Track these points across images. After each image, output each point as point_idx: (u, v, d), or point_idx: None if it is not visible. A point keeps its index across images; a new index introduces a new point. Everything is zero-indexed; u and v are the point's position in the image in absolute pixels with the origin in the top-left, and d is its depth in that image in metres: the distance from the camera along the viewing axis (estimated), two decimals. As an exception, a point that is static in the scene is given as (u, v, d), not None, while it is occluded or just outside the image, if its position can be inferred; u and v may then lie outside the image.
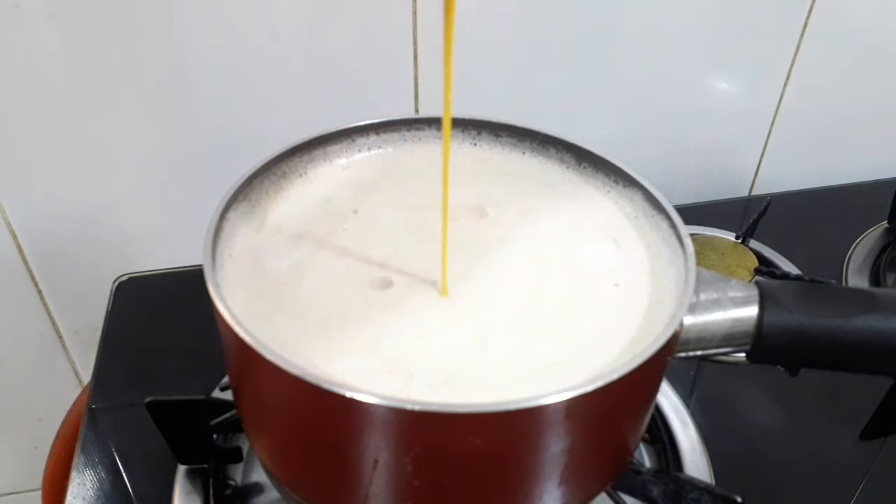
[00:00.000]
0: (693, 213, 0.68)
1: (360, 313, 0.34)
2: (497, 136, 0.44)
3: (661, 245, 0.38)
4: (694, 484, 0.40)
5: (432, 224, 0.38)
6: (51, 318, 0.69)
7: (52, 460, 0.58)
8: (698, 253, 0.36)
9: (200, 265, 0.32)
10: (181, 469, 0.46)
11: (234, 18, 0.58)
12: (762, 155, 0.79)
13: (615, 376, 0.28)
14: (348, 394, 0.27)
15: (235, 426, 0.47)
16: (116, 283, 0.64)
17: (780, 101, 0.75)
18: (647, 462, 0.48)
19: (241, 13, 0.58)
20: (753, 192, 0.82)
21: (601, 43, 0.67)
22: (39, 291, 0.67)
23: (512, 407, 0.27)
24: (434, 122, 0.44)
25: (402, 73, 0.64)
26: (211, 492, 0.45)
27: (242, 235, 0.37)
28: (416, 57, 0.63)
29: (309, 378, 0.27)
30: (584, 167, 0.42)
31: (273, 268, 0.36)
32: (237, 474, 0.47)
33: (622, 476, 0.40)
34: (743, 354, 0.36)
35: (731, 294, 0.35)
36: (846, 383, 0.53)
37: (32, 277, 0.66)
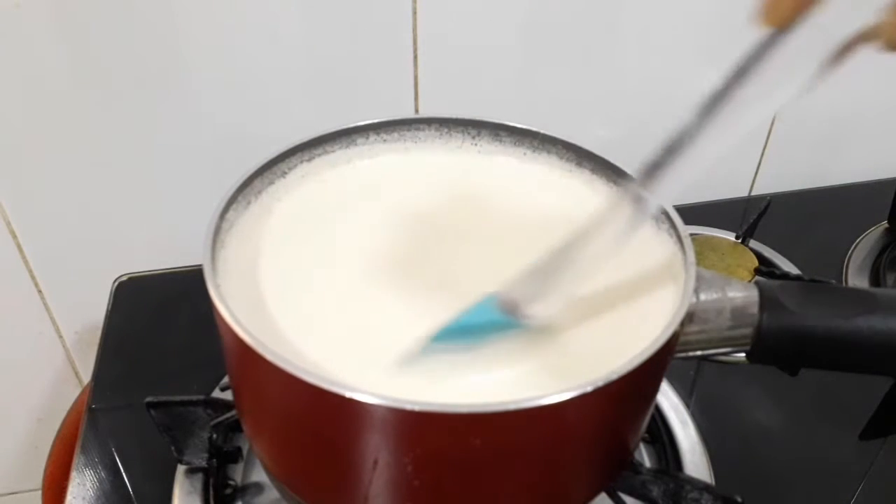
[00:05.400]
0: (693, 213, 0.68)
1: (361, 312, 0.34)
2: (497, 136, 0.44)
3: (661, 245, 0.38)
4: (694, 484, 0.40)
5: (431, 224, 0.38)
6: (51, 318, 0.69)
7: (52, 460, 0.58)
8: (698, 253, 0.36)
9: (200, 265, 0.32)
10: (181, 469, 0.46)
11: (234, 19, 0.58)
12: (762, 155, 0.79)
13: (615, 376, 0.28)
14: (348, 394, 0.27)
15: (235, 426, 0.47)
16: (116, 283, 0.64)
17: (779, 101, 0.75)
18: (647, 462, 0.48)
19: (241, 13, 0.58)
20: (753, 192, 0.82)
21: (601, 43, 0.67)
22: (39, 291, 0.67)
23: (512, 407, 0.27)
24: (434, 122, 0.44)
25: (402, 73, 0.63)
26: (211, 492, 0.45)
27: (242, 235, 0.37)
28: (416, 57, 0.63)
29: (309, 378, 0.27)
30: (584, 167, 0.42)
31: (273, 267, 0.36)
32: (237, 474, 0.46)
33: (622, 476, 0.40)
34: (743, 354, 0.36)
35: (731, 294, 0.35)
36: (846, 383, 0.53)
37: (32, 277, 0.66)
